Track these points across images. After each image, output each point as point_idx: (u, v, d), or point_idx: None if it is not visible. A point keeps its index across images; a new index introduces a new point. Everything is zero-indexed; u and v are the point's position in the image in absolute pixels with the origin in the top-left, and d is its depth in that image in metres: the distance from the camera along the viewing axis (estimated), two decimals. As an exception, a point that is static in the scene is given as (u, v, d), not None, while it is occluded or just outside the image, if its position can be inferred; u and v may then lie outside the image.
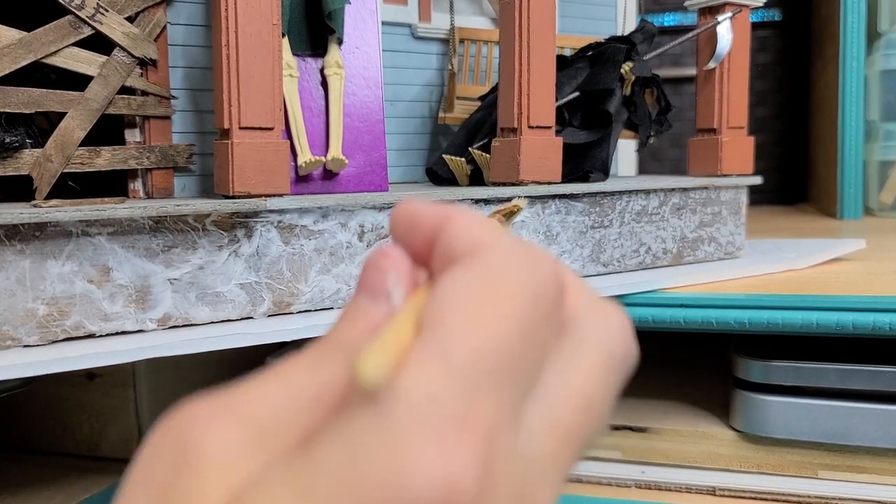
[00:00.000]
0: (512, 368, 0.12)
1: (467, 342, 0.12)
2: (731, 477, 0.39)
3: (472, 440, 0.11)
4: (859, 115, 0.76)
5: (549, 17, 0.38)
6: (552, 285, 0.14)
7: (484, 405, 0.12)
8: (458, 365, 0.12)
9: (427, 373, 0.12)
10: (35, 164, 0.32)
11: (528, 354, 0.13)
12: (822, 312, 0.36)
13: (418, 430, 0.11)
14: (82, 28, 0.32)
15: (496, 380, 0.12)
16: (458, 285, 0.13)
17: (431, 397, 0.12)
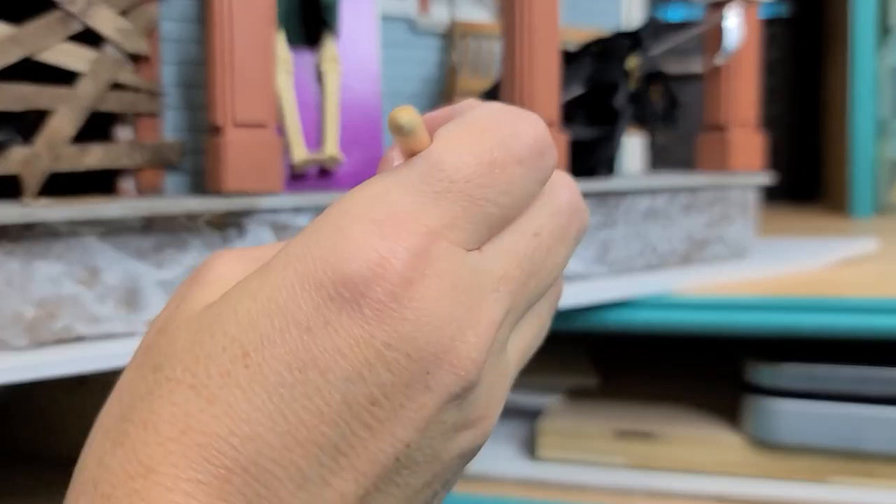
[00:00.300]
0: (469, 198, 0.15)
1: (426, 159, 0.15)
2: (741, 484, 0.38)
3: (407, 232, 0.14)
4: (871, 112, 0.75)
5: (553, 9, 0.38)
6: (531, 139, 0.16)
7: (428, 212, 0.14)
8: (410, 177, 0.14)
9: (379, 181, 0.15)
10: (24, 161, 0.31)
11: (491, 184, 0.15)
12: (834, 315, 0.35)
13: (362, 221, 0.14)
14: (72, 23, 0.32)
15: (448, 200, 0.14)
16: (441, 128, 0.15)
17: (377, 197, 0.14)
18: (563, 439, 0.41)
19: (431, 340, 0.14)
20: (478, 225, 0.15)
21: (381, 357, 0.13)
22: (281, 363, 0.13)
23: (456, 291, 0.14)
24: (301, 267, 0.14)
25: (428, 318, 0.14)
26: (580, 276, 0.40)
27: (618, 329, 0.38)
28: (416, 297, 0.13)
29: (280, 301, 0.14)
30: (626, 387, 0.47)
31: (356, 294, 0.13)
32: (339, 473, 0.14)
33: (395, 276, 0.13)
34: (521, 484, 0.40)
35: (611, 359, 0.53)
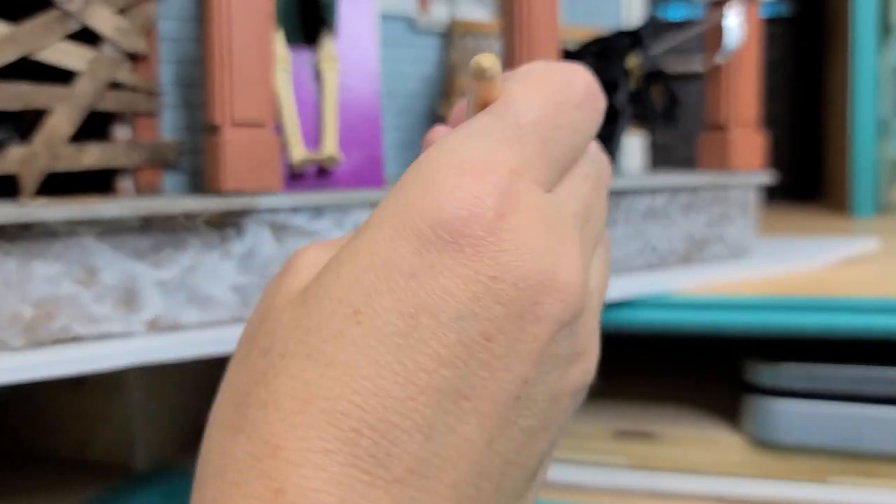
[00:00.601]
0: (539, 140, 0.16)
1: (496, 109, 0.16)
2: (741, 484, 0.38)
3: (493, 174, 0.14)
4: (872, 111, 0.75)
5: (552, 9, 0.37)
6: (583, 85, 0.17)
7: (506, 155, 0.15)
8: (484, 126, 0.16)
9: (456, 134, 0.16)
10: (22, 161, 0.31)
11: (557, 126, 0.16)
12: (835, 314, 0.35)
13: (447, 168, 0.15)
14: (70, 21, 0.31)
15: (521, 143, 0.15)
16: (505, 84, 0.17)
17: (458, 147, 0.15)
18: (562, 439, 0.41)
19: (534, 268, 0.14)
20: (550, 165, 0.16)
21: (489, 290, 0.14)
22: (392, 313, 0.13)
23: (545, 223, 0.15)
24: (396, 219, 0.14)
25: (527, 247, 0.14)
26: (580, 275, 0.40)
27: (617, 329, 0.38)
28: (511, 228, 0.14)
29: (381, 253, 0.14)
30: (626, 387, 0.47)
31: (455, 234, 0.14)
32: (464, 419, 0.14)
33: (489, 211, 0.14)
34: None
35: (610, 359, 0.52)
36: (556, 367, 0.15)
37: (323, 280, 0.15)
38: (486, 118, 0.16)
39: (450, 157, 0.15)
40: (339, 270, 0.14)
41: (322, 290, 0.14)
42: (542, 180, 0.16)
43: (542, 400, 0.15)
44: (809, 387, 0.37)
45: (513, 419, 0.14)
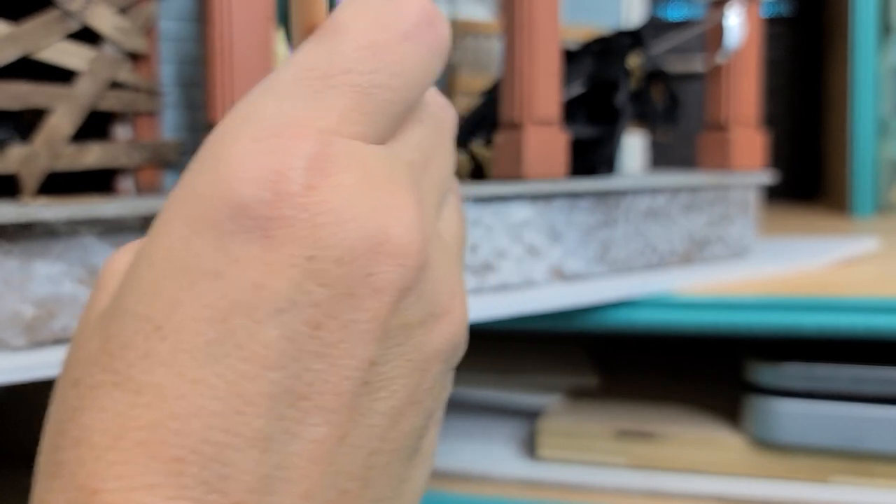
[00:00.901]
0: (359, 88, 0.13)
1: (295, 60, 0.13)
2: (742, 484, 0.38)
3: (298, 141, 0.12)
4: (872, 111, 0.75)
5: (553, 9, 0.37)
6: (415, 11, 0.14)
7: (317, 113, 0.13)
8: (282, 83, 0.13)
9: (249, 97, 0.13)
10: (23, 160, 0.31)
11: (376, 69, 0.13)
12: (835, 314, 0.35)
13: (241, 142, 0.12)
14: (71, 21, 0.31)
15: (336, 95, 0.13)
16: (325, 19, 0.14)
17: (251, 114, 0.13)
18: (563, 439, 0.41)
19: (359, 236, 0.12)
20: (374, 115, 0.13)
21: (308, 273, 0.12)
22: (199, 321, 0.12)
23: (370, 180, 0.13)
24: (189, 211, 0.12)
25: (348, 215, 0.12)
26: (580, 275, 0.40)
27: (618, 329, 0.38)
28: (326, 198, 0.12)
29: (177, 256, 0.12)
30: (627, 387, 0.47)
31: (259, 219, 0.12)
32: (306, 420, 0.12)
33: (295, 185, 0.12)
34: (521, 484, 0.40)
35: (611, 359, 0.53)
36: (409, 337, 0.13)
37: (121, 295, 0.13)
38: (285, 74, 0.13)
39: (244, 126, 0.12)
40: (135, 282, 0.12)
41: (121, 307, 0.12)
42: (367, 133, 0.13)
43: (399, 376, 0.13)
44: (810, 387, 0.37)
45: (367, 405, 0.13)
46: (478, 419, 0.46)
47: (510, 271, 0.38)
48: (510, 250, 0.38)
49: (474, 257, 0.37)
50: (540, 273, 0.38)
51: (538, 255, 0.39)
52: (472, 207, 0.37)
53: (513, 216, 0.38)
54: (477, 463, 0.42)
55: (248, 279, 0.12)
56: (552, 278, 0.39)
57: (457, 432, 0.45)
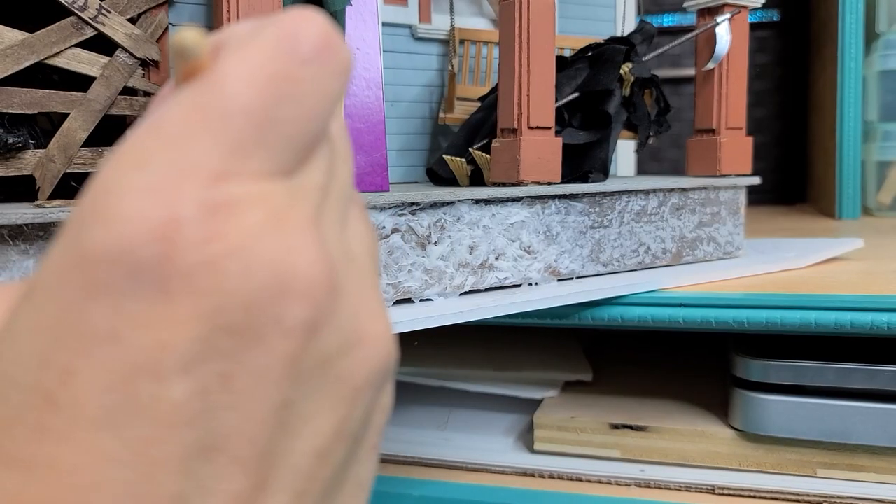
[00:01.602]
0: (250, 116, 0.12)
1: (191, 94, 0.12)
2: (731, 475, 0.39)
3: (192, 187, 0.11)
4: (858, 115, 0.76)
5: (549, 18, 0.39)
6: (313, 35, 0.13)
7: (209, 153, 0.11)
8: (176, 119, 0.12)
9: (137, 135, 0.12)
10: (38, 164, 0.32)
11: (276, 101, 0.12)
12: (821, 312, 0.36)
13: (130, 191, 0.11)
14: (84, 29, 0.33)
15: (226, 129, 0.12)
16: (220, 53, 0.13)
17: (139, 156, 0.11)
18: (558, 432, 0.42)
19: (266, 279, 0.11)
20: (276, 149, 0.12)
21: (215, 326, 0.11)
22: (98, 389, 0.11)
23: (270, 218, 0.12)
24: (78, 271, 0.11)
25: (252, 260, 0.11)
26: (575, 274, 0.41)
27: (611, 325, 0.39)
28: (224, 244, 0.11)
29: (68, 321, 0.11)
30: (620, 381, 0.48)
31: (155, 275, 0.11)
32: (223, 473, 0.11)
33: (190, 235, 0.11)
34: (518, 475, 0.41)
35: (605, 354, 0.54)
36: (328, 371, 0.12)
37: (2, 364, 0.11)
38: (178, 107, 0.12)
39: (131, 175, 0.11)
40: (21, 351, 0.11)
41: (4, 379, 0.11)
42: (267, 168, 0.12)
43: (321, 411, 0.12)
44: (797, 382, 0.38)
45: (288, 448, 0.12)
46: (477, 413, 0.47)
47: (508, 270, 0.39)
48: (507, 250, 0.39)
49: (473, 257, 0.38)
50: (536, 272, 0.40)
51: (534, 254, 0.40)
52: (471, 209, 0.38)
53: (510, 218, 0.39)
54: (476, 454, 0.43)
55: (149, 339, 0.11)
56: (548, 277, 0.40)
57: (457, 425, 0.46)
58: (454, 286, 0.38)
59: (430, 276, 0.37)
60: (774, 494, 0.38)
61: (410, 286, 0.36)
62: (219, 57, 0.12)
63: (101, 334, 0.11)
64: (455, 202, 0.37)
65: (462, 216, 0.37)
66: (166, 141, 0.11)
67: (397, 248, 0.36)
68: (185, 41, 0.12)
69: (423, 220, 0.36)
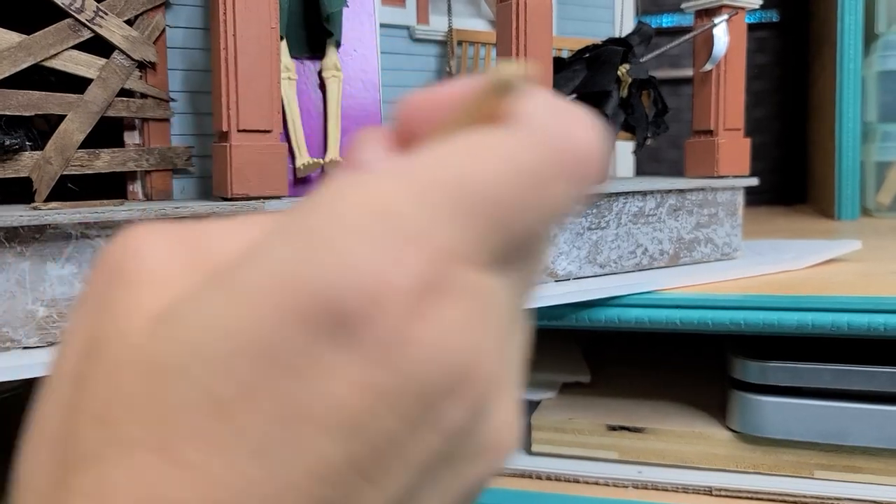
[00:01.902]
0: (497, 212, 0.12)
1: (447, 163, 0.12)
2: (728, 477, 0.39)
3: (417, 259, 0.11)
4: (857, 116, 0.76)
5: (547, 19, 0.39)
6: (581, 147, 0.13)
7: (444, 231, 0.11)
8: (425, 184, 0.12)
9: (380, 182, 0.12)
10: (35, 166, 0.32)
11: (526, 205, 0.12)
12: (818, 313, 0.36)
13: (358, 236, 0.11)
14: (82, 31, 0.33)
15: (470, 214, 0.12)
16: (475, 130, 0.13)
17: (377, 205, 0.11)
18: (556, 433, 0.42)
19: (444, 377, 0.11)
20: (504, 246, 0.12)
21: (387, 402, 0.11)
22: (266, 417, 0.11)
23: (472, 319, 0.12)
24: (283, 293, 0.11)
25: (441, 351, 0.11)
26: (572, 275, 0.41)
27: (609, 327, 0.39)
28: (425, 330, 0.11)
29: (259, 339, 0.11)
30: (617, 383, 0.48)
31: (353, 329, 0.11)
32: None
33: (400, 309, 0.11)
34: (515, 476, 0.41)
35: (602, 355, 0.54)
36: (450, 469, 0.13)
37: (182, 346, 0.11)
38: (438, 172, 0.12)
39: (364, 218, 0.11)
40: (204, 346, 0.11)
41: (180, 364, 0.11)
42: (482, 262, 0.12)
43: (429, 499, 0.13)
44: (794, 383, 0.38)
45: None
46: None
47: (505, 272, 0.39)
48: (505, 252, 0.39)
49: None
50: (534, 274, 0.40)
51: (532, 256, 0.40)
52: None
53: (507, 219, 0.39)
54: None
55: (327, 389, 0.11)
56: (545, 278, 0.40)
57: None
58: (451, 288, 0.38)
59: (427, 278, 0.37)
60: (772, 496, 0.38)
61: (407, 288, 0.36)
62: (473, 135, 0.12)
63: (287, 364, 0.11)
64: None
65: (459, 218, 0.37)
66: (411, 197, 0.11)
67: (394, 249, 0.36)
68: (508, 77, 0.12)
69: (421, 221, 0.36)
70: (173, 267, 0.12)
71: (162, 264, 0.12)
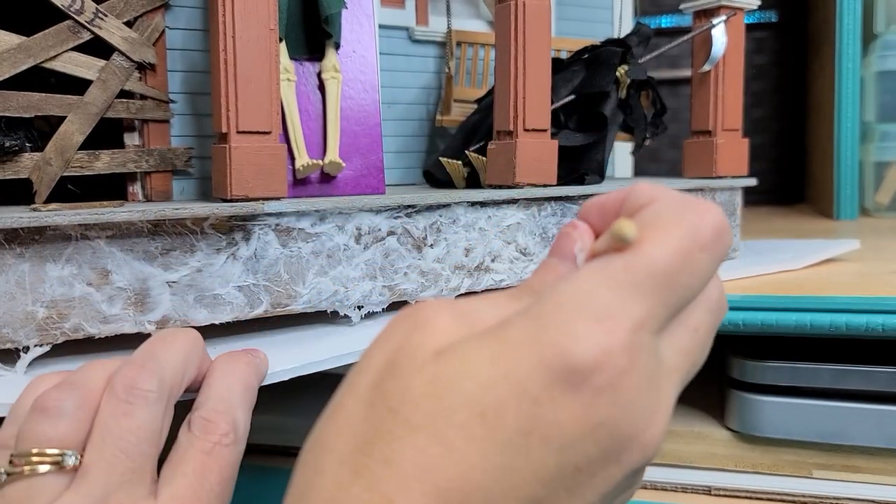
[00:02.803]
0: (665, 287, 0.17)
1: (629, 257, 0.17)
2: (727, 477, 0.39)
3: (622, 329, 0.16)
4: (855, 116, 0.77)
5: (545, 20, 0.39)
6: (711, 227, 0.18)
7: (635, 307, 0.16)
8: (617, 274, 0.17)
9: (590, 277, 0.17)
10: (34, 167, 0.32)
11: (682, 272, 0.17)
12: (816, 314, 0.36)
13: (584, 317, 0.16)
14: (81, 32, 0.33)
15: (649, 292, 0.17)
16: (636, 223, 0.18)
17: (592, 294, 0.17)
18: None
19: (630, 424, 0.16)
20: (669, 308, 0.17)
21: (592, 433, 0.16)
22: (512, 426, 0.16)
23: (649, 381, 0.17)
24: (536, 350, 0.16)
25: (632, 406, 0.16)
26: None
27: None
28: (626, 386, 0.16)
29: (517, 375, 0.16)
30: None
31: (580, 379, 0.16)
32: None
33: (614, 368, 0.16)
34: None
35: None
36: (615, 494, 0.17)
37: (461, 371, 0.16)
38: (620, 264, 0.17)
39: (586, 304, 0.16)
40: (477, 372, 0.16)
41: (458, 381, 0.16)
42: (659, 325, 0.17)
43: None
44: (793, 383, 0.38)
45: None
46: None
47: (503, 272, 0.39)
48: (503, 252, 0.39)
49: (469, 259, 0.38)
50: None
51: (530, 256, 0.40)
52: (467, 212, 0.38)
53: (506, 220, 0.39)
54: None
55: (555, 417, 0.16)
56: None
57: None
58: (450, 288, 0.38)
59: (426, 279, 0.37)
60: (770, 495, 0.39)
61: (406, 288, 0.36)
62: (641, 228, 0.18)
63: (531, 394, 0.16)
64: (451, 204, 0.37)
65: (458, 218, 0.37)
66: (608, 289, 0.17)
67: (393, 250, 0.36)
68: (625, 232, 0.17)
69: (419, 222, 0.36)
70: (451, 325, 0.18)
71: (444, 323, 0.18)
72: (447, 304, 0.18)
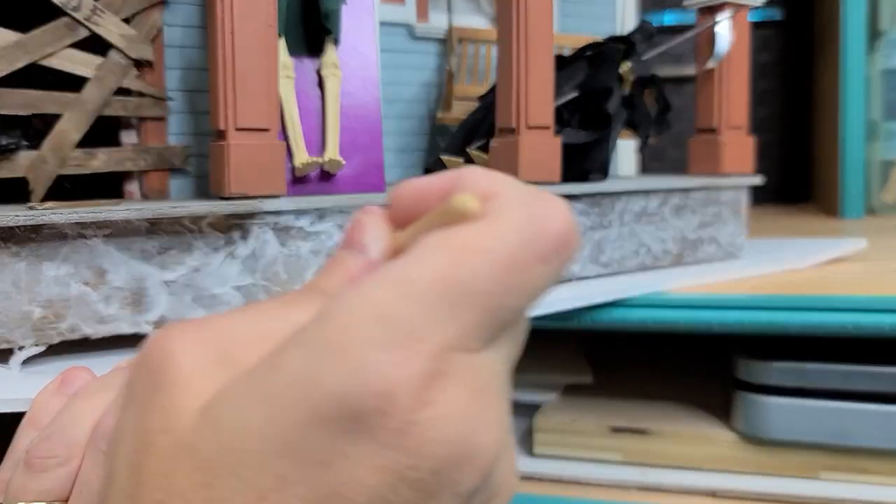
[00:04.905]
0: (486, 301, 0.13)
1: (436, 267, 0.13)
2: (733, 479, 0.39)
3: (422, 358, 0.13)
4: (861, 114, 0.76)
5: (548, 17, 0.38)
6: (556, 233, 0.14)
7: (443, 327, 0.13)
8: (419, 288, 0.13)
9: (381, 290, 0.13)
10: (31, 166, 0.32)
11: (510, 290, 0.14)
12: (823, 313, 0.36)
13: (368, 345, 0.13)
14: (78, 29, 0.32)
15: (462, 307, 0.13)
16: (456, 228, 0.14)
17: (382, 313, 0.13)
18: (559, 435, 0.42)
19: (455, 450, 0.13)
20: (494, 329, 0.14)
21: (405, 479, 0.13)
22: (301, 501, 0.13)
23: (473, 397, 0.14)
24: (308, 401, 0.13)
25: (449, 432, 0.13)
26: (574, 275, 0.41)
27: (612, 327, 0.39)
28: (434, 415, 0.13)
29: (292, 441, 0.13)
30: (621, 384, 0.47)
31: (370, 425, 0.13)
32: None
33: (409, 402, 0.13)
34: (519, 479, 0.41)
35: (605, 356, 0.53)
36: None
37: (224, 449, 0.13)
38: (424, 278, 0.13)
39: (372, 327, 0.13)
40: (244, 449, 0.13)
41: (224, 463, 0.13)
42: (480, 346, 0.14)
43: None
44: (799, 384, 0.38)
45: None
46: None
47: (506, 272, 0.39)
48: (506, 252, 0.39)
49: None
50: (535, 274, 0.39)
51: (534, 256, 0.39)
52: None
53: (509, 218, 0.39)
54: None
55: (352, 475, 0.13)
56: (547, 279, 0.40)
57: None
58: (452, 288, 0.37)
59: (427, 278, 0.36)
60: (777, 498, 0.38)
61: (408, 288, 0.36)
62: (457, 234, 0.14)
63: (316, 457, 0.13)
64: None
65: (460, 217, 0.37)
66: (410, 304, 0.13)
67: (394, 249, 0.35)
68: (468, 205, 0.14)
69: (421, 221, 0.36)
70: (205, 366, 0.14)
71: (194, 365, 0.14)
72: (191, 333, 0.15)
